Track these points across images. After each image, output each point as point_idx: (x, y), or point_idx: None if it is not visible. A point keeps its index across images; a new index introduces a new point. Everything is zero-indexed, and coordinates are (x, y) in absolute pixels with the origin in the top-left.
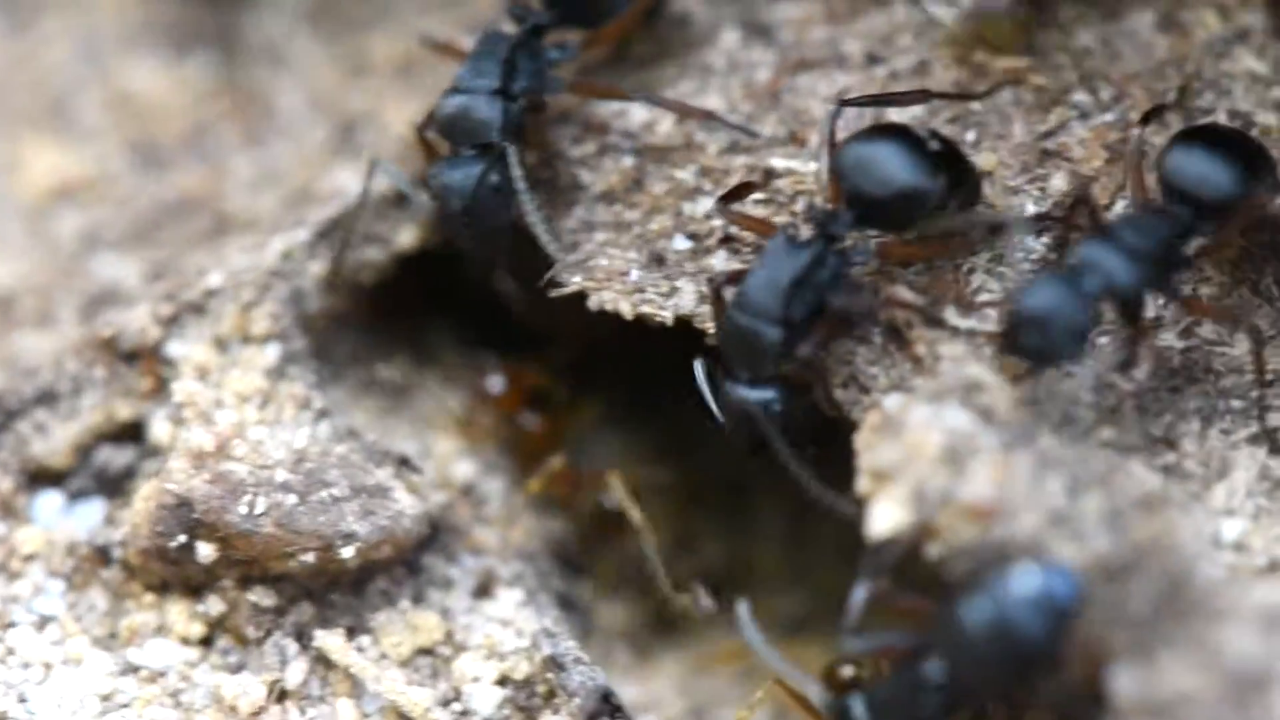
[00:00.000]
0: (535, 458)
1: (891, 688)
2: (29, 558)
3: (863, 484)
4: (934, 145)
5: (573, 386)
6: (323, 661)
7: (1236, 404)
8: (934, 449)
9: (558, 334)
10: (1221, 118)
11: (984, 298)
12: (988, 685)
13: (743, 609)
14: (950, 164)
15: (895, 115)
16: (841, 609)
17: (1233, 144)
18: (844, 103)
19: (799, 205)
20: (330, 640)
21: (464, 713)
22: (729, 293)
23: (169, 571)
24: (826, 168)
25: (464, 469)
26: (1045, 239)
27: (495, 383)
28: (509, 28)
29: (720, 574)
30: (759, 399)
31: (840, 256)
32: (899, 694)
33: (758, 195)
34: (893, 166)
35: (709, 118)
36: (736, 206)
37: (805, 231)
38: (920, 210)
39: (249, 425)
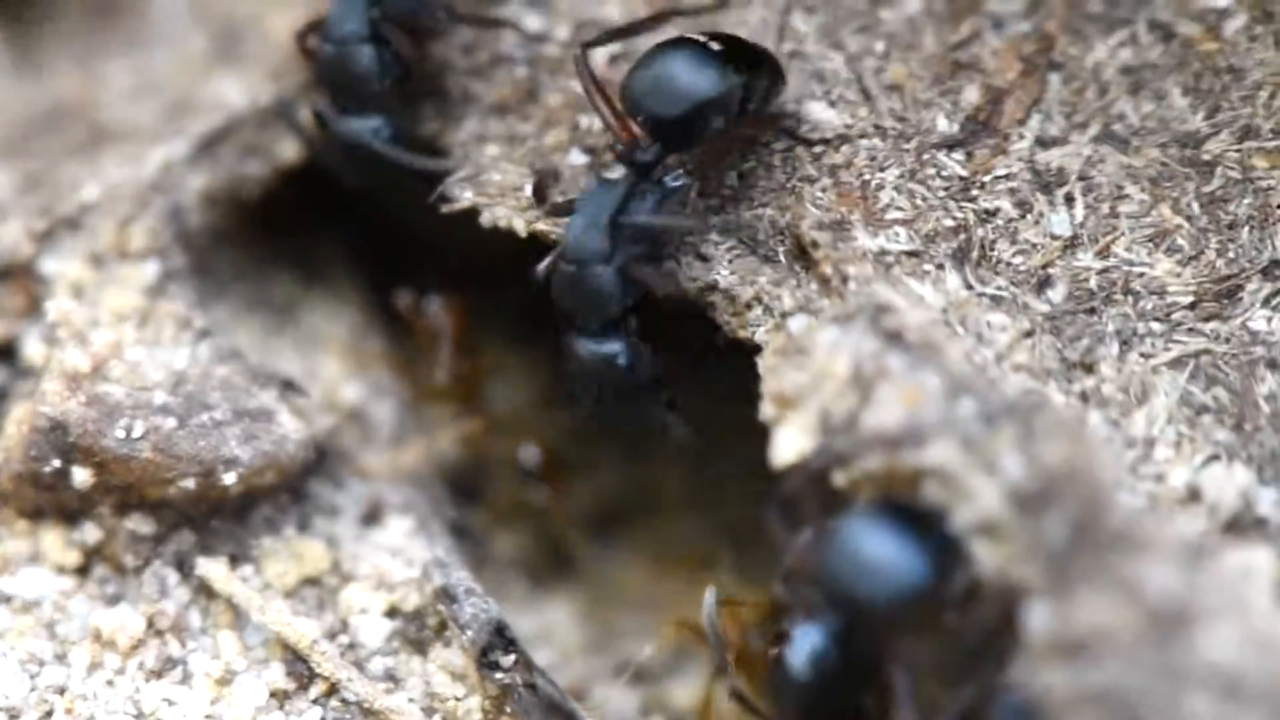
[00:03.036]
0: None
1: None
2: None
3: (766, 410)
4: (715, 46)
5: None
6: (204, 592)
7: (1157, 326)
8: (841, 373)
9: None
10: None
11: (893, 215)
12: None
13: (709, 594)
14: (739, 57)
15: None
16: (745, 537)
17: None
18: (586, 45)
19: None
20: (212, 569)
21: (351, 645)
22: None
23: (43, 497)
24: (606, 110)
25: (351, 391)
26: (958, 155)
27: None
28: None
29: (620, 501)
30: (606, 352)
31: (658, 184)
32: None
33: None
34: (684, 80)
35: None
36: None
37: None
38: (725, 112)
39: (126, 345)
